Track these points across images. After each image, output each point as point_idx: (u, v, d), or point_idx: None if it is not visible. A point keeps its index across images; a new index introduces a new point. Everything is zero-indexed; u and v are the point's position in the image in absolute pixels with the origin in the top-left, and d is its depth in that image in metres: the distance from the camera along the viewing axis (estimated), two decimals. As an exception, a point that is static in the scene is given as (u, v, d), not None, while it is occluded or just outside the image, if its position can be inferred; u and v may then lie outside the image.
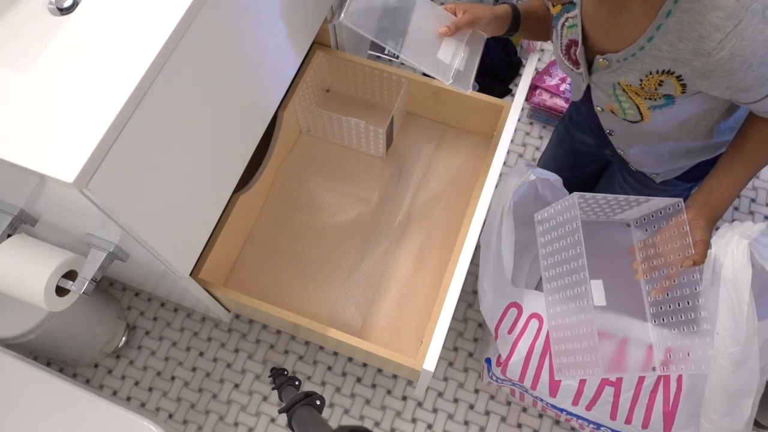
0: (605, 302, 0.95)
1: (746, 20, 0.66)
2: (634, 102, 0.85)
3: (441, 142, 1.37)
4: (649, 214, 0.98)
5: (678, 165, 0.99)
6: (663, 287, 0.90)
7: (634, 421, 0.96)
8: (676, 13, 0.70)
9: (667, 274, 0.90)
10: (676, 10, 0.70)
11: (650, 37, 0.74)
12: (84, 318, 1.22)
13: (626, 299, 0.97)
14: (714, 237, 0.88)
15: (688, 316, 0.88)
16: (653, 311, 0.96)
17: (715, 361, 0.85)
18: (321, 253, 1.27)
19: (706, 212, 0.85)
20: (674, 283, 0.89)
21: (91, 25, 0.72)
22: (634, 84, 0.82)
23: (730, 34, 0.67)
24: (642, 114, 0.86)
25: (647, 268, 0.94)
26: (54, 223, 0.89)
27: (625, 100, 0.86)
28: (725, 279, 0.84)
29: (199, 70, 0.81)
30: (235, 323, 1.38)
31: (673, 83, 0.78)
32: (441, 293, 1.01)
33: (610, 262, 0.98)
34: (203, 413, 1.30)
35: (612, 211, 1.00)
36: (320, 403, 0.78)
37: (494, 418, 1.27)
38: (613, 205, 0.97)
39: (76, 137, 0.65)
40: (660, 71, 0.77)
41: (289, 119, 1.28)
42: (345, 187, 1.33)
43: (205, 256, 1.09)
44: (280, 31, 1.01)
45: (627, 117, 0.89)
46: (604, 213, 1.01)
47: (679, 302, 0.89)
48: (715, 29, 0.67)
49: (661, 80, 0.78)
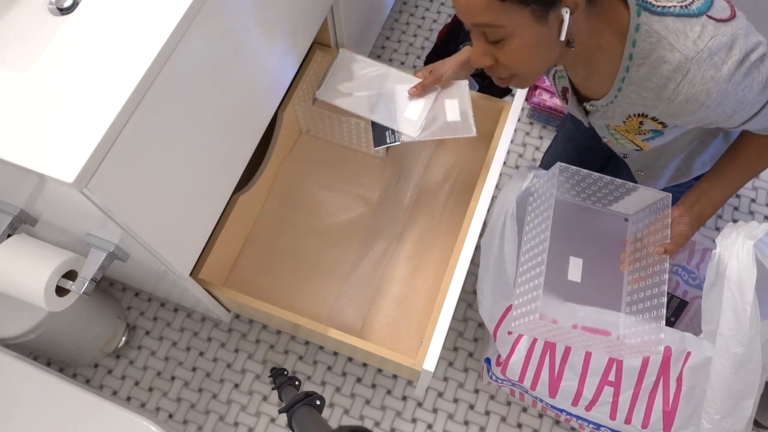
0: (580, 279, 0.99)
1: (693, 70, 0.70)
2: (628, 138, 0.91)
3: (441, 142, 1.37)
4: (644, 208, 0.98)
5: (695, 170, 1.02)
6: (640, 277, 0.94)
7: (633, 421, 0.96)
8: (633, 68, 0.76)
9: (645, 265, 0.92)
10: (632, 65, 0.75)
11: (619, 88, 0.80)
12: (84, 318, 1.22)
13: (605, 286, 0.99)
14: (719, 237, 0.88)
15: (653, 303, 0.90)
16: (628, 300, 0.97)
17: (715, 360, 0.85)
18: (321, 253, 1.27)
19: (693, 213, 0.89)
20: (650, 273, 0.91)
21: (91, 25, 0.72)
22: (620, 125, 0.88)
23: (681, 83, 0.71)
24: (639, 146, 0.91)
25: (632, 260, 0.97)
26: (54, 223, 0.89)
27: (620, 137, 0.92)
28: (729, 279, 0.83)
29: (199, 70, 0.81)
30: (235, 323, 1.38)
31: (650, 122, 0.83)
32: (441, 293, 1.01)
33: (600, 249, 1.01)
34: (203, 413, 1.30)
35: (605, 198, 1.01)
36: (320, 403, 0.78)
37: (494, 418, 1.28)
38: (601, 187, 0.98)
39: (76, 137, 0.65)
40: (636, 114, 0.83)
41: (289, 119, 1.28)
42: (345, 187, 1.33)
43: (205, 256, 1.09)
44: (280, 32, 1.01)
45: (627, 150, 0.96)
46: (598, 200, 1.02)
47: (650, 291, 0.91)
48: (668, 80, 0.72)
49: (641, 121, 0.84)
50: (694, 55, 0.69)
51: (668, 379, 0.93)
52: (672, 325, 1.18)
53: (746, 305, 0.82)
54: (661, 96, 0.75)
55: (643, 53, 0.73)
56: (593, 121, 0.94)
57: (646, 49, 0.72)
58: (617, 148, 0.99)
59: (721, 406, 0.87)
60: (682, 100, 0.73)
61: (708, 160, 1.01)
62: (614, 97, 0.82)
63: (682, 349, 0.92)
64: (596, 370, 0.96)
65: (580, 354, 0.96)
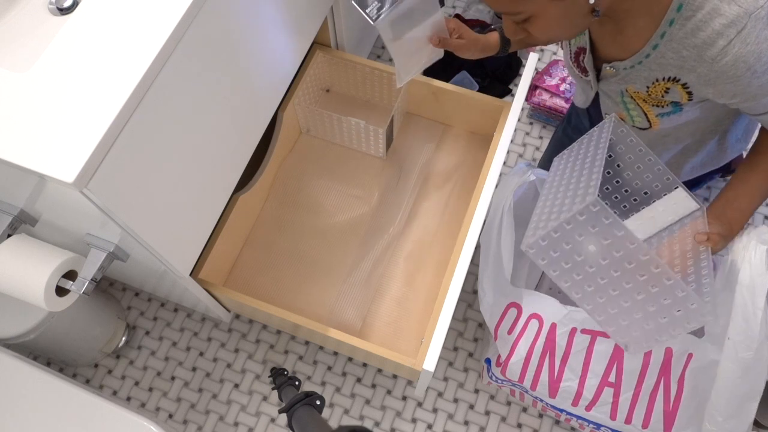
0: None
1: (749, 26, 0.66)
2: (642, 109, 0.85)
3: (441, 142, 1.37)
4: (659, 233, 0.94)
5: (684, 174, 1.00)
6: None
7: (633, 421, 0.96)
8: (679, 21, 0.70)
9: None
10: (679, 18, 0.70)
11: (655, 45, 0.75)
12: (84, 318, 1.22)
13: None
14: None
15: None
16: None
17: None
18: (321, 253, 1.27)
19: (723, 223, 0.85)
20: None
21: (91, 25, 0.72)
22: (642, 91, 0.82)
23: (733, 41, 0.67)
24: (650, 121, 0.86)
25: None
26: (54, 223, 0.89)
27: (633, 107, 0.86)
28: (741, 284, 0.82)
29: (199, 70, 0.81)
30: (235, 323, 1.38)
31: (679, 91, 0.78)
32: (441, 293, 1.01)
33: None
34: (203, 413, 1.30)
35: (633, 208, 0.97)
36: (320, 403, 0.78)
37: (494, 418, 1.28)
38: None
39: (76, 137, 0.65)
40: (666, 78, 0.77)
41: (289, 119, 1.28)
42: (345, 187, 1.33)
43: (205, 256, 1.09)
44: (280, 31, 1.01)
45: (635, 124, 0.89)
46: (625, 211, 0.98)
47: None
48: (718, 36, 0.67)
49: (667, 87, 0.78)
50: (753, 9, 0.65)
51: (669, 381, 0.93)
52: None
53: (758, 310, 0.80)
54: (704, 55, 0.70)
55: (695, 4, 0.68)
56: (606, 88, 0.88)
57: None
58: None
59: (725, 409, 0.87)
60: (729, 60, 0.68)
61: (698, 164, 0.99)
62: (645, 56, 0.77)
63: (683, 350, 0.92)
64: (596, 372, 0.96)
65: (580, 355, 0.96)
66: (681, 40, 0.71)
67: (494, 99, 1.24)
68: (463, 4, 1.73)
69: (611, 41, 0.83)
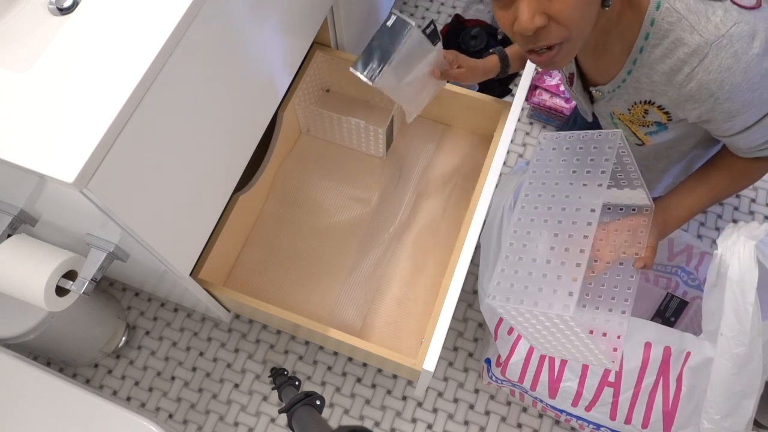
0: None
1: (711, 55, 0.67)
2: (630, 129, 0.89)
3: (441, 142, 1.37)
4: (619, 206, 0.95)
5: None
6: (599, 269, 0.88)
7: (633, 421, 0.96)
8: (648, 49, 0.73)
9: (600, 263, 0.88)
10: (647, 46, 0.73)
11: (629, 71, 0.78)
12: (84, 318, 1.22)
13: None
14: (720, 237, 0.87)
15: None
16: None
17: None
18: (321, 253, 1.27)
19: (657, 224, 0.87)
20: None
21: (91, 25, 0.72)
22: (625, 113, 0.86)
23: (696, 68, 0.69)
24: (641, 139, 0.90)
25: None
26: (54, 223, 0.89)
27: (623, 128, 0.90)
28: (731, 280, 0.83)
29: (199, 70, 0.81)
30: (235, 323, 1.38)
31: (656, 112, 0.81)
32: (441, 293, 1.01)
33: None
34: (203, 413, 1.30)
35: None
36: (320, 403, 0.78)
37: (494, 418, 1.28)
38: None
39: (76, 137, 0.65)
40: (642, 101, 0.81)
41: (289, 119, 1.29)
42: (345, 187, 1.33)
43: (205, 256, 1.09)
44: (279, 31, 1.01)
45: (631, 141, 0.92)
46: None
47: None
48: (683, 63, 0.70)
49: (646, 109, 0.82)
50: (714, 39, 0.67)
51: (668, 379, 0.93)
52: (672, 325, 1.18)
53: (748, 305, 0.82)
54: (672, 81, 0.73)
55: (660, 33, 0.70)
56: (598, 110, 0.91)
57: (664, 28, 0.70)
58: None
59: (721, 406, 0.87)
60: (694, 87, 0.70)
61: None
62: (622, 81, 0.80)
63: (681, 349, 0.92)
64: (596, 372, 0.96)
65: (580, 354, 0.96)
66: (651, 65, 0.74)
67: (494, 99, 1.24)
68: (463, 4, 1.73)
69: (594, 67, 0.87)
